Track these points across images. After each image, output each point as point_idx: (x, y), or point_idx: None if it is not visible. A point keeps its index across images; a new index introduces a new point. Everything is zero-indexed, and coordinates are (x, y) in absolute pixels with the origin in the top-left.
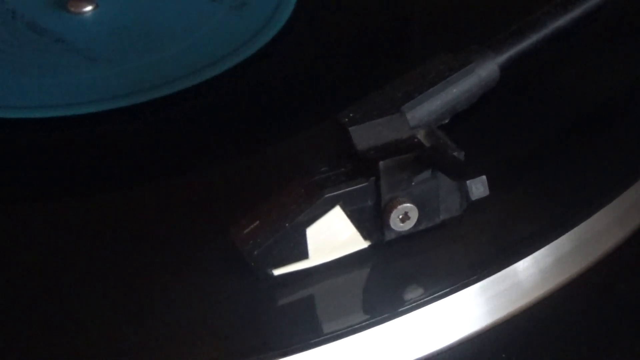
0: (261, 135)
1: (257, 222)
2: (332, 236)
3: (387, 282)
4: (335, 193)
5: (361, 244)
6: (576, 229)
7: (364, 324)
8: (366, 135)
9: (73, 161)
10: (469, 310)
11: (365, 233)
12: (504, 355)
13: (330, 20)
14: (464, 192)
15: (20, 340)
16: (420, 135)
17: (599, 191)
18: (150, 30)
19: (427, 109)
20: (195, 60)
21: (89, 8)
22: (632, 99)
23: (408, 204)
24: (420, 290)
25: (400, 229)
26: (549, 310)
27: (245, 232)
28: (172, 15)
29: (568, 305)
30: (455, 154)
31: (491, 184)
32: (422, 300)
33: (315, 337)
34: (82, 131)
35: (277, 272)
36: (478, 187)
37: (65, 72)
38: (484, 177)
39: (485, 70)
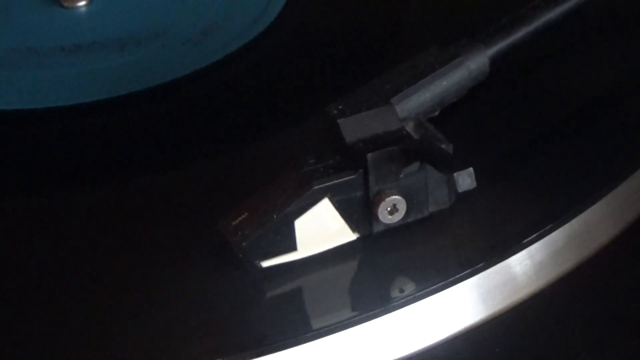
0: (250, 129)
1: (246, 214)
2: (321, 228)
3: (379, 276)
4: (323, 185)
5: (349, 236)
6: (570, 224)
7: (355, 319)
8: (355, 127)
9: (57, 155)
10: (462, 305)
11: (353, 225)
12: (497, 350)
13: (319, 14)
14: (452, 185)
15: (10, 339)
16: (409, 127)
17: (592, 185)
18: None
19: (416, 101)
20: (181, 54)
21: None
22: (624, 92)
23: (396, 196)
24: (413, 285)
25: (389, 221)
26: (543, 305)
27: (233, 224)
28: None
29: (562, 299)
30: (443, 146)
31: (484, 178)
32: (415, 295)
33: (305, 333)
34: (64, 125)
35: (265, 264)
36: (465, 180)
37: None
38: (471, 169)
39: (475, 63)
